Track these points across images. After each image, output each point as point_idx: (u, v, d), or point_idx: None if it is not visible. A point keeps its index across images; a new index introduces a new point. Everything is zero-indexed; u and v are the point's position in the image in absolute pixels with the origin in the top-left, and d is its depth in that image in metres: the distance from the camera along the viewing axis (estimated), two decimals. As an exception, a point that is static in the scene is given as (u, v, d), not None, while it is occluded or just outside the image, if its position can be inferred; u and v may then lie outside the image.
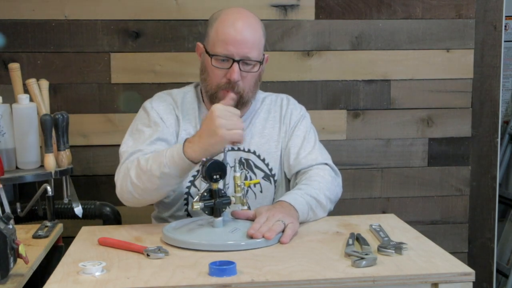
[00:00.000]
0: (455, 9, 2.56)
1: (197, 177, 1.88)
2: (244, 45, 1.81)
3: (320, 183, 1.83)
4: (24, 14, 2.36)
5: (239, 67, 1.82)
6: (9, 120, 2.00)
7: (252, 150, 1.93)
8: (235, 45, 1.81)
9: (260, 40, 1.87)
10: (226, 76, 1.83)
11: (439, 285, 1.35)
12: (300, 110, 2.03)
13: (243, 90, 1.85)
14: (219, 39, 1.83)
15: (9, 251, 1.34)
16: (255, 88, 1.91)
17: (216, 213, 1.60)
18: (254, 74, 1.86)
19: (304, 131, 1.98)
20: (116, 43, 2.41)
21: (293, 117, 1.99)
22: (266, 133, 1.96)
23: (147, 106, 1.93)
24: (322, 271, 1.36)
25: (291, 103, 2.03)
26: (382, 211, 2.58)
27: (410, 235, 1.63)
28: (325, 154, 1.97)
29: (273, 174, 1.94)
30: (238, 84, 1.83)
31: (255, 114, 1.98)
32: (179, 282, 1.31)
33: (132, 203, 1.79)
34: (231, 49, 1.81)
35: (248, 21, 1.86)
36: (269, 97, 2.04)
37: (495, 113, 2.62)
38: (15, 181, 1.93)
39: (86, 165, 2.43)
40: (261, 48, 1.88)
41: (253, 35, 1.84)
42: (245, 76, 1.84)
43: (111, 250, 1.54)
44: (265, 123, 1.98)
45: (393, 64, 2.55)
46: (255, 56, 1.84)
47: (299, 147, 1.94)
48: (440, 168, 2.62)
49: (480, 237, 2.67)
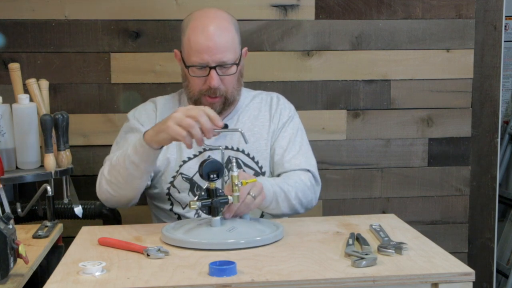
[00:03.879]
0: (455, 9, 2.56)
1: (176, 177, 1.92)
2: (218, 50, 1.82)
3: (296, 183, 1.86)
4: (24, 14, 2.36)
5: (217, 73, 1.83)
6: (9, 120, 2.00)
7: (241, 149, 1.94)
8: (208, 53, 1.82)
9: (233, 40, 1.87)
10: (206, 83, 1.85)
11: (439, 285, 1.35)
12: (289, 110, 2.03)
13: (225, 92, 1.88)
14: (192, 48, 1.84)
15: (9, 251, 1.34)
16: (238, 85, 1.93)
17: (214, 212, 1.60)
18: (233, 74, 1.88)
19: (290, 133, 1.98)
20: (116, 43, 2.41)
21: (282, 117, 2.00)
22: (256, 131, 1.96)
23: (129, 115, 2.00)
24: (322, 271, 1.36)
25: (281, 102, 2.03)
26: (382, 211, 2.58)
27: (410, 235, 1.64)
28: (310, 160, 1.98)
29: (263, 172, 1.94)
30: (219, 89, 1.86)
31: (242, 112, 1.99)
32: (179, 282, 1.31)
33: (110, 201, 1.85)
34: (206, 58, 1.82)
35: (218, 24, 1.85)
36: (260, 96, 2.05)
37: (495, 113, 2.62)
38: (15, 181, 1.93)
39: (86, 165, 2.43)
40: (236, 47, 1.88)
41: (225, 38, 1.84)
42: (224, 79, 1.86)
43: (111, 250, 1.54)
44: (255, 121, 1.98)
45: (393, 64, 2.55)
46: (231, 59, 1.85)
47: (284, 149, 1.95)
48: (440, 168, 2.62)
49: (480, 237, 2.67)
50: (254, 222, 1.67)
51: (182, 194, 1.92)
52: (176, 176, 1.92)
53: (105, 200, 1.85)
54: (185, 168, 1.91)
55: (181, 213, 1.93)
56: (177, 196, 1.92)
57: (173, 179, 1.92)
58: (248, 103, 2.01)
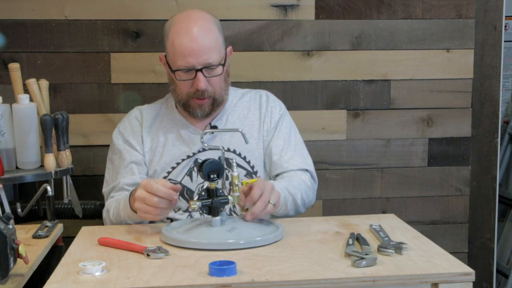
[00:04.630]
0: (455, 9, 2.56)
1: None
2: (202, 52, 1.82)
3: (300, 185, 1.87)
4: (24, 14, 2.36)
5: (203, 75, 1.83)
6: (9, 120, 2.00)
7: (232, 149, 1.94)
8: (193, 56, 1.81)
9: (217, 40, 1.87)
10: (193, 85, 1.85)
11: (439, 285, 1.35)
12: (280, 108, 2.03)
13: (213, 93, 1.88)
14: (176, 52, 1.83)
15: (9, 251, 1.34)
16: (226, 85, 1.93)
17: (214, 212, 1.60)
18: (220, 75, 1.88)
19: (285, 132, 1.99)
20: (116, 43, 2.41)
21: (274, 116, 2.00)
22: (246, 131, 1.95)
23: (113, 136, 2.01)
24: (322, 271, 1.36)
25: (270, 100, 2.03)
26: (382, 211, 2.58)
27: (410, 235, 1.63)
28: (307, 159, 1.99)
29: (255, 171, 1.94)
30: (207, 90, 1.86)
31: (231, 111, 1.99)
32: (179, 282, 1.31)
33: None
34: (191, 61, 1.82)
35: (201, 25, 1.85)
36: (248, 94, 2.05)
37: (495, 113, 2.62)
38: (15, 181, 1.93)
39: (86, 165, 2.43)
40: (220, 47, 1.88)
41: (208, 39, 1.84)
42: (211, 80, 1.86)
43: (111, 250, 1.54)
44: (245, 121, 1.98)
45: (393, 64, 2.55)
46: (216, 60, 1.85)
47: (280, 149, 1.96)
48: (440, 168, 2.62)
49: (480, 237, 2.67)
50: (254, 222, 1.67)
51: None
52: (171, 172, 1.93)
53: None
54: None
55: (172, 216, 1.91)
56: None
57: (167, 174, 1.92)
58: (236, 102, 2.01)
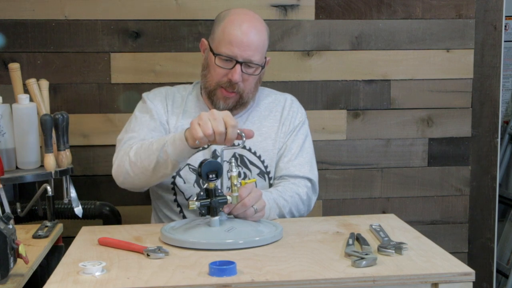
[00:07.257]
0: (455, 9, 2.56)
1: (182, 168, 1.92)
2: (249, 47, 1.85)
3: (292, 198, 1.87)
4: (24, 14, 2.36)
5: (241, 69, 1.86)
6: (9, 120, 2.00)
7: (248, 147, 1.94)
8: (239, 47, 1.85)
9: (264, 44, 1.92)
10: (228, 76, 1.88)
11: (439, 285, 1.36)
12: (301, 115, 2.06)
13: (242, 91, 1.90)
14: (224, 39, 1.86)
15: (9, 251, 1.34)
16: (255, 90, 1.96)
17: (213, 212, 1.60)
18: (255, 76, 1.91)
19: (301, 138, 2.01)
20: (116, 43, 2.41)
21: (294, 121, 2.02)
22: (264, 131, 1.98)
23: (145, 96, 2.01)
24: (322, 271, 1.36)
25: (294, 105, 2.06)
26: (382, 211, 2.58)
27: (410, 235, 1.64)
28: (314, 170, 2.01)
29: (268, 171, 1.95)
30: (238, 85, 1.88)
31: (252, 111, 2.00)
32: (179, 282, 1.31)
33: (125, 183, 1.84)
34: (236, 51, 1.85)
35: (255, 24, 1.90)
36: (273, 96, 2.07)
37: (495, 113, 2.62)
38: (15, 181, 1.93)
39: (86, 165, 2.43)
40: (264, 52, 1.93)
41: (258, 39, 1.88)
42: (246, 78, 1.89)
43: (111, 250, 1.54)
44: (264, 121, 2.00)
45: (393, 64, 2.55)
46: (257, 60, 1.88)
47: (292, 153, 1.97)
48: (440, 168, 2.62)
49: (480, 237, 2.67)
50: (253, 222, 1.67)
51: (187, 184, 1.93)
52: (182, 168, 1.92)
53: (121, 180, 1.84)
54: (193, 159, 1.91)
55: (184, 203, 1.93)
56: (182, 186, 1.93)
57: (180, 169, 1.92)
58: (259, 102, 2.03)
